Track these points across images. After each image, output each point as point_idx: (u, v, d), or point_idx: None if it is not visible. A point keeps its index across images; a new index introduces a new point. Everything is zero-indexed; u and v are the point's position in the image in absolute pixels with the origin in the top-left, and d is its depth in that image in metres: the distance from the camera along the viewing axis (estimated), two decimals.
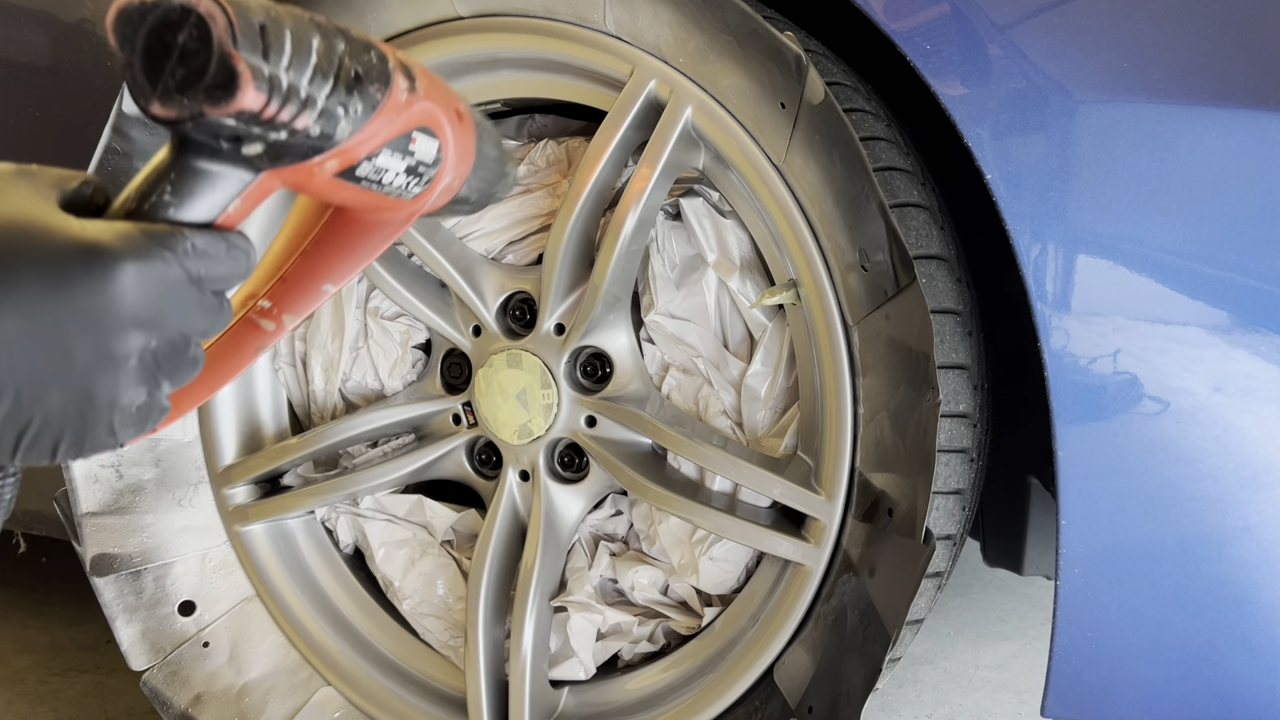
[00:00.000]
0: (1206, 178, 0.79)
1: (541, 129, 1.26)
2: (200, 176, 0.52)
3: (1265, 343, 0.79)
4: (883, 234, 0.89)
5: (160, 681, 1.25)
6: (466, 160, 0.64)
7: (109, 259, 0.47)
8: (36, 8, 1.29)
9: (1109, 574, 0.85)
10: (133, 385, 0.49)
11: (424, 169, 0.61)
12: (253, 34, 0.48)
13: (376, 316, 1.27)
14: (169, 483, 1.27)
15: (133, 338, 0.48)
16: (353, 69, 0.53)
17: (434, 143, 0.60)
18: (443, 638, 1.26)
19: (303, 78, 0.50)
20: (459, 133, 0.62)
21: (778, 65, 0.92)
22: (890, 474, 0.94)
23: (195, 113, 0.48)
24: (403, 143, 0.58)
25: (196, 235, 0.51)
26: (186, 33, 0.47)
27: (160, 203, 0.51)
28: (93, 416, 0.48)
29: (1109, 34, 0.81)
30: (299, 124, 0.51)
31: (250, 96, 0.48)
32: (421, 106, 0.58)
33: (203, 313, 0.52)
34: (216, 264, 0.52)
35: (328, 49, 0.52)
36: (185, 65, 0.47)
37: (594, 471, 1.15)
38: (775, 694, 1.03)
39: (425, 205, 0.63)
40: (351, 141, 0.54)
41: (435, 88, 0.60)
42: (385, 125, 0.56)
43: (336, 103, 0.52)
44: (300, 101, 0.50)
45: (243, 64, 0.47)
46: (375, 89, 0.54)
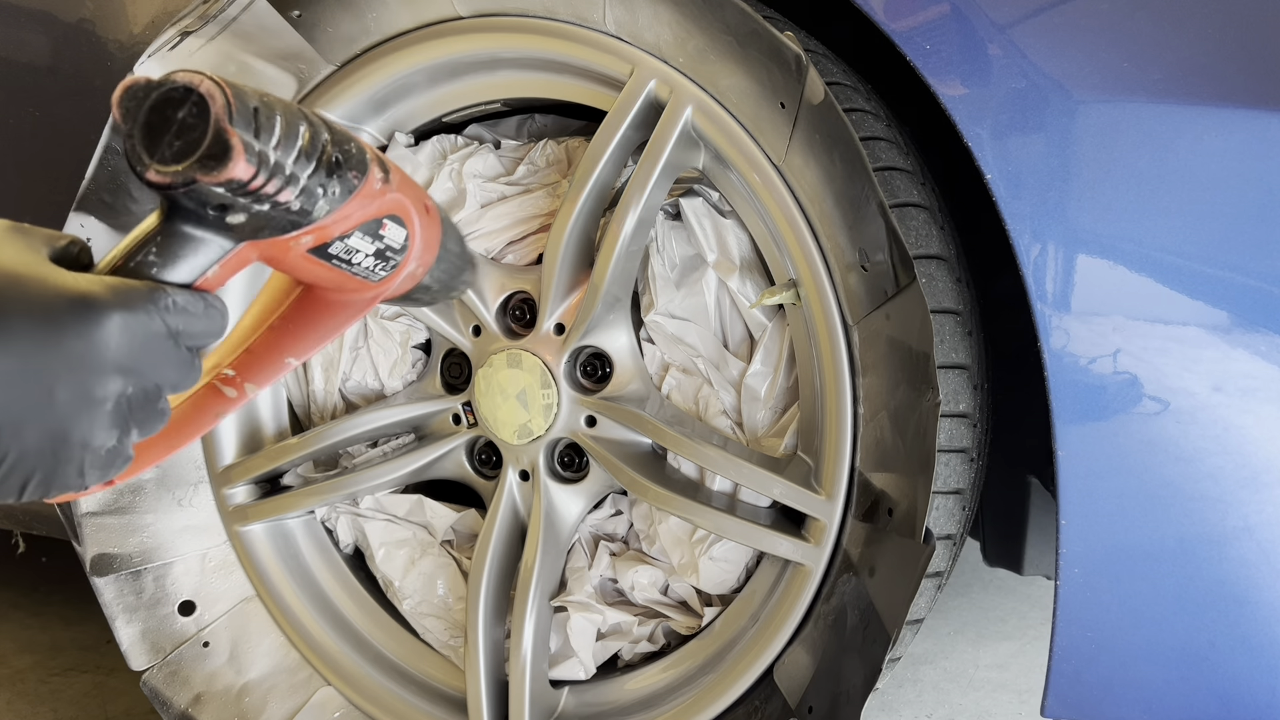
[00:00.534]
0: (1206, 178, 0.79)
1: (541, 129, 1.26)
2: (185, 241, 0.56)
3: (1265, 343, 0.79)
4: (883, 234, 0.89)
5: (160, 681, 1.25)
6: (431, 250, 0.70)
7: (98, 308, 0.51)
8: (36, 8, 1.28)
9: (1109, 574, 0.85)
10: (105, 429, 0.52)
11: (391, 254, 0.66)
12: (247, 113, 0.53)
13: (376, 316, 1.27)
14: (169, 483, 1.27)
15: (112, 383, 0.52)
16: (334, 155, 0.58)
17: (402, 231, 0.66)
18: (443, 638, 1.26)
19: (289, 157, 0.55)
20: (426, 224, 0.68)
21: (778, 65, 0.92)
22: (890, 474, 0.94)
23: (189, 180, 0.52)
24: (374, 227, 0.63)
25: (178, 293, 0.55)
26: (187, 109, 0.52)
27: (146, 262, 0.56)
28: (65, 456, 0.51)
29: (1109, 34, 0.81)
30: (282, 198, 0.56)
31: (241, 167, 0.52)
32: (393, 196, 0.64)
33: (177, 367, 0.56)
34: (194, 321, 0.56)
35: (313, 135, 0.57)
36: (183, 137, 0.52)
37: (594, 471, 1.15)
38: (775, 694, 1.03)
39: (389, 289, 0.69)
40: (327, 220, 0.60)
41: (407, 183, 0.66)
42: (359, 209, 0.61)
43: (317, 183, 0.57)
44: (285, 178, 0.55)
45: (236, 138, 0.52)
46: (353, 175, 0.60)
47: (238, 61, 1.12)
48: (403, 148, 1.20)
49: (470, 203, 1.18)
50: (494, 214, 1.17)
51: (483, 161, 1.20)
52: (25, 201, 1.33)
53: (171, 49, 1.09)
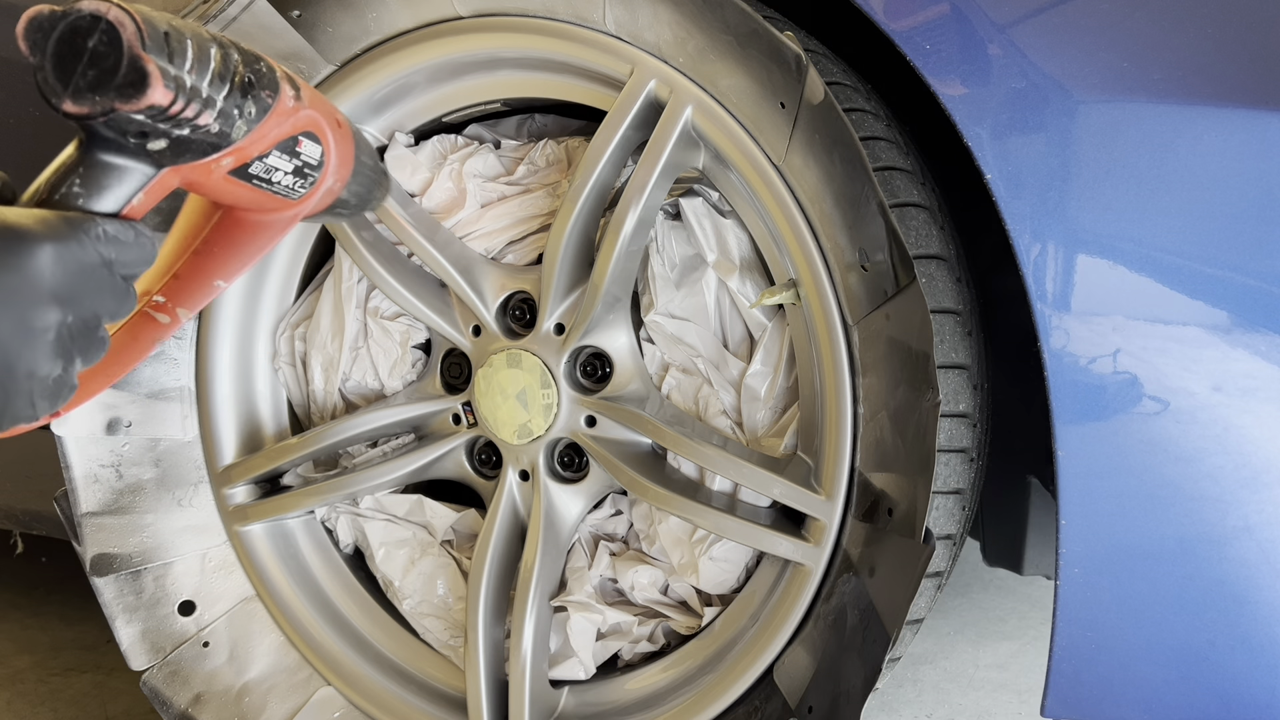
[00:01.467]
0: (1206, 178, 0.79)
1: (541, 129, 1.26)
2: (107, 170, 0.56)
3: (1265, 343, 0.79)
4: (883, 234, 0.89)
5: (160, 681, 1.25)
6: (347, 165, 0.71)
7: (29, 240, 0.51)
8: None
9: (1109, 574, 0.85)
10: (50, 358, 0.53)
11: (309, 171, 0.67)
12: (159, 39, 0.53)
13: (376, 316, 1.27)
14: (169, 482, 1.27)
15: (50, 313, 0.52)
16: (247, 75, 0.59)
17: (318, 147, 0.67)
18: (443, 638, 1.26)
19: (203, 80, 0.56)
20: (339, 139, 0.69)
21: (778, 65, 0.92)
22: (890, 474, 0.94)
23: (107, 109, 0.53)
24: (290, 144, 0.65)
25: (108, 222, 0.56)
26: (96, 38, 0.53)
27: (70, 193, 0.56)
28: (13, 388, 0.52)
29: (1109, 34, 0.81)
30: (201, 121, 0.56)
31: (159, 93, 0.53)
32: (307, 113, 0.65)
33: (113, 295, 0.56)
34: (126, 250, 0.56)
35: (224, 57, 0.58)
36: (96, 66, 0.52)
37: (594, 471, 1.15)
38: (775, 694, 1.03)
39: (309, 206, 0.70)
40: (245, 141, 0.61)
41: (318, 100, 0.67)
42: (275, 127, 0.63)
43: (233, 104, 0.58)
44: (202, 100, 0.56)
45: (152, 64, 0.52)
46: (266, 94, 0.61)
47: None
48: (403, 148, 1.20)
49: (470, 203, 1.18)
50: (494, 214, 1.17)
51: (483, 161, 1.20)
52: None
53: None
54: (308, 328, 1.29)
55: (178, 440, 1.28)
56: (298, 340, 1.30)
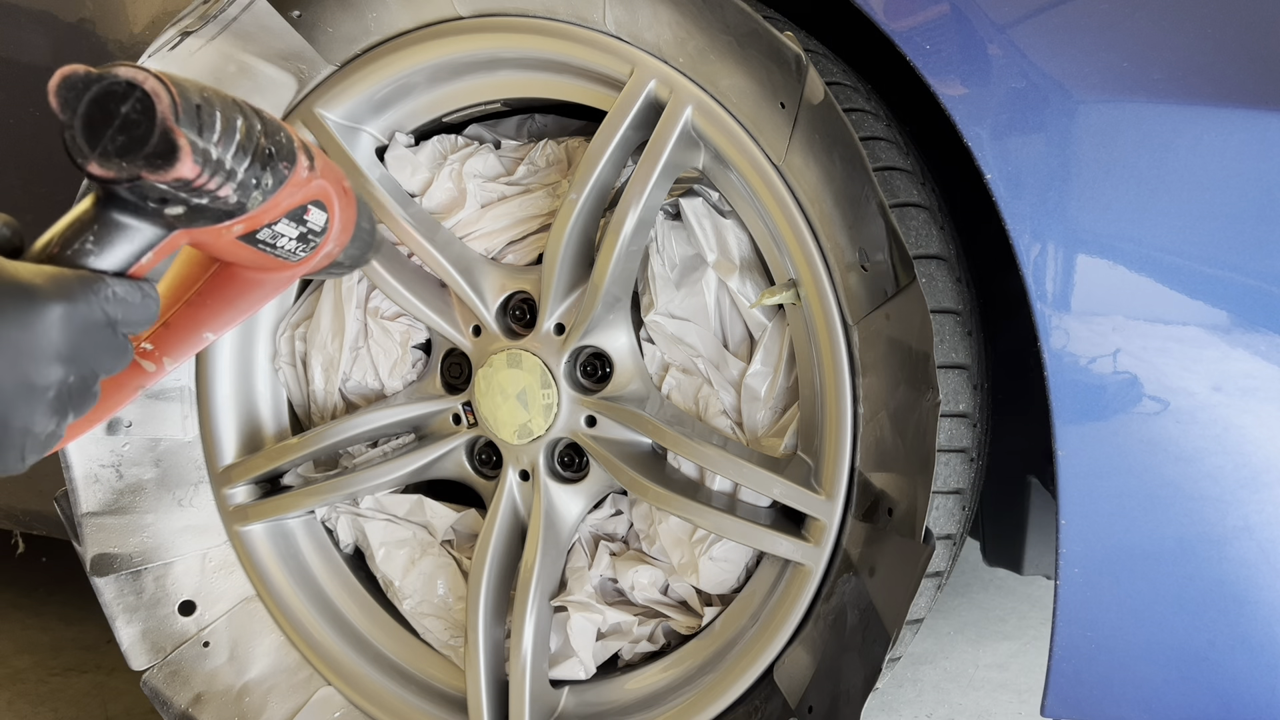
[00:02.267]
0: (1206, 178, 0.79)
1: (541, 129, 1.26)
2: (121, 230, 0.57)
3: (1265, 343, 0.79)
4: (883, 234, 0.89)
5: (160, 681, 1.25)
6: (348, 231, 0.72)
7: (39, 299, 0.51)
8: (36, 8, 1.28)
9: (1109, 574, 0.85)
10: (46, 415, 0.53)
11: (312, 237, 0.69)
12: (191, 111, 0.54)
13: (376, 316, 1.27)
14: (169, 482, 1.27)
15: (54, 372, 0.53)
16: (268, 147, 0.60)
17: (324, 215, 0.68)
18: (443, 637, 1.26)
19: (228, 152, 0.56)
20: (344, 206, 0.70)
21: (777, 65, 0.92)
22: (890, 474, 0.94)
23: (133, 176, 0.53)
24: (299, 213, 0.66)
25: (116, 283, 0.56)
26: (130, 105, 0.53)
27: (83, 250, 0.56)
28: (6, 442, 0.52)
29: (1109, 34, 0.81)
30: (221, 192, 0.57)
31: (187, 167, 0.53)
32: (318, 184, 0.66)
33: (113, 353, 0.57)
34: (132, 310, 0.57)
35: (249, 128, 0.58)
36: (126, 134, 0.53)
37: (594, 471, 1.15)
38: (775, 693, 1.03)
39: (306, 269, 0.71)
40: (259, 210, 0.61)
41: (329, 168, 0.68)
42: (288, 198, 0.64)
43: (252, 175, 0.59)
44: (225, 173, 0.56)
45: (183, 138, 0.53)
46: (284, 165, 0.61)
47: (238, 62, 1.12)
48: (403, 148, 1.20)
49: (470, 203, 1.18)
50: (494, 214, 1.17)
51: (483, 161, 1.20)
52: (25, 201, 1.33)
53: (171, 49, 1.09)
54: (308, 328, 1.29)
55: (178, 440, 1.28)
56: (298, 340, 1.30)
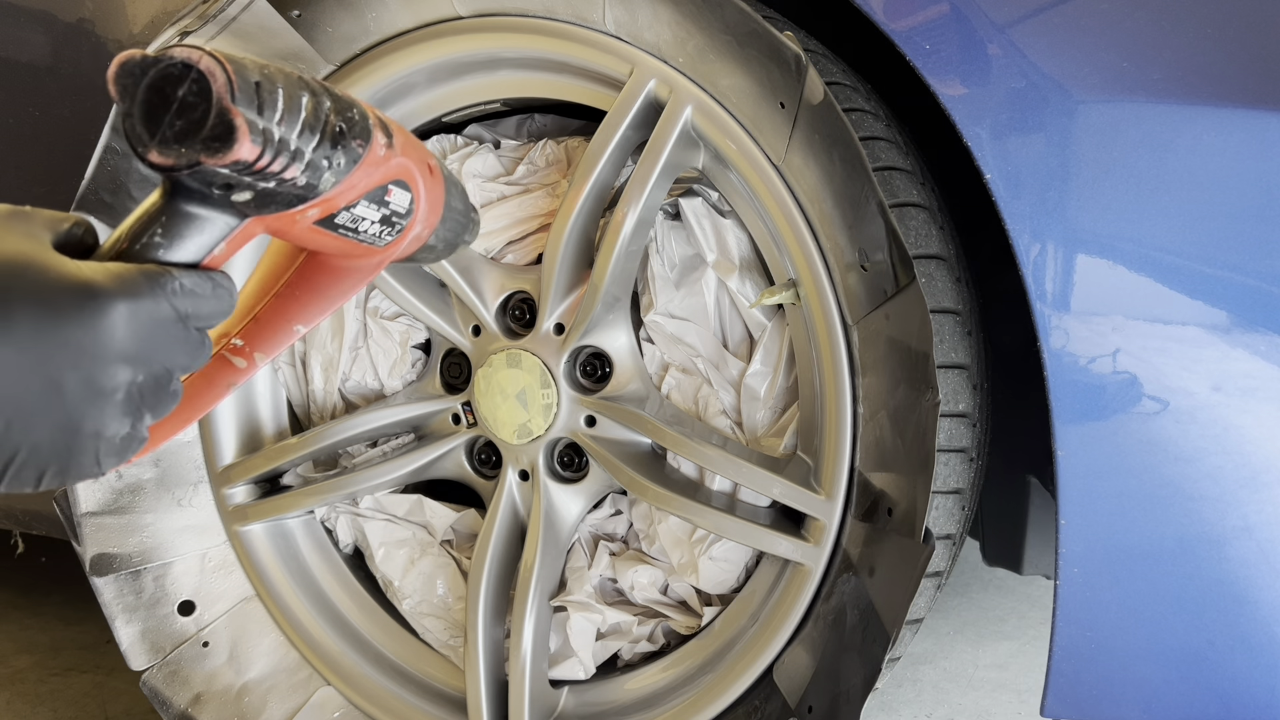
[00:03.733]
0: (1206, 178, 0.79)
1: (541, 129, 1.26)
2: (190, 220, 0.55)
3: (1265, 343, 0.79)
4: (882, 234, 0.89)
5: (160, 681, 1.25)
6: (436, 212, 0.68)
7: (102, 297, 0.50)
8: (36, 8, 1.28)
9: (1109, 574, 0.85)
10: (118, 418, 0.52)
11: (397, 219, 0.65)
12: (249, 90, 0.51)
13: (376, 316, 1.27)
14: (168, 482, 1.27)
15: (120, 372, 0.51)
16: (338, 124, 0.56)
17: (407, 195, 0.64)
18: (442, 637, 1.26)
19: (293, 132, 0.53)
20: (430, 186, 0.66)
21: (777, 65, 0.92)
22: (890, 473, 0.94)
23: (192, 161, 0.51)
24: (379, 194, 0.62)
25: (185, 275, 0.54)
26: (186, 87, 0.50)
27: (151, 244, 0.54)
28: (78, 447, 0.50)
29: (1109, 34, 0.81)
30: (288, 174, 0.54)
31: (246, 148, 0.51)
32: (398, 161, 0.62)
33: (186, 349, 0.55)
34: (203, 303, 0.55)
35: (315, 106, 0.55)
36: (184, 117, 0.50)
37: (594, 471, 1.15)
38: (775, 693, 1.03)
39: (395, 253, 0.67)
40: (333, 192, 0.58)
41: (410, 144, 0.64)
42: (365, 178, 0.60)
43: (322, 156, 0.56)
44: (290, 154, 0.53)
45: (240, 118, 0.50)
46: (357, 144, 0.58)
47: None
48: None
49: None
50: (494, 214, 1.17)
51: (482, 161, 1.20)
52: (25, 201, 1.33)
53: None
54: None
55: (177, 440, 1.27)
56: (297, 340, 1.30)
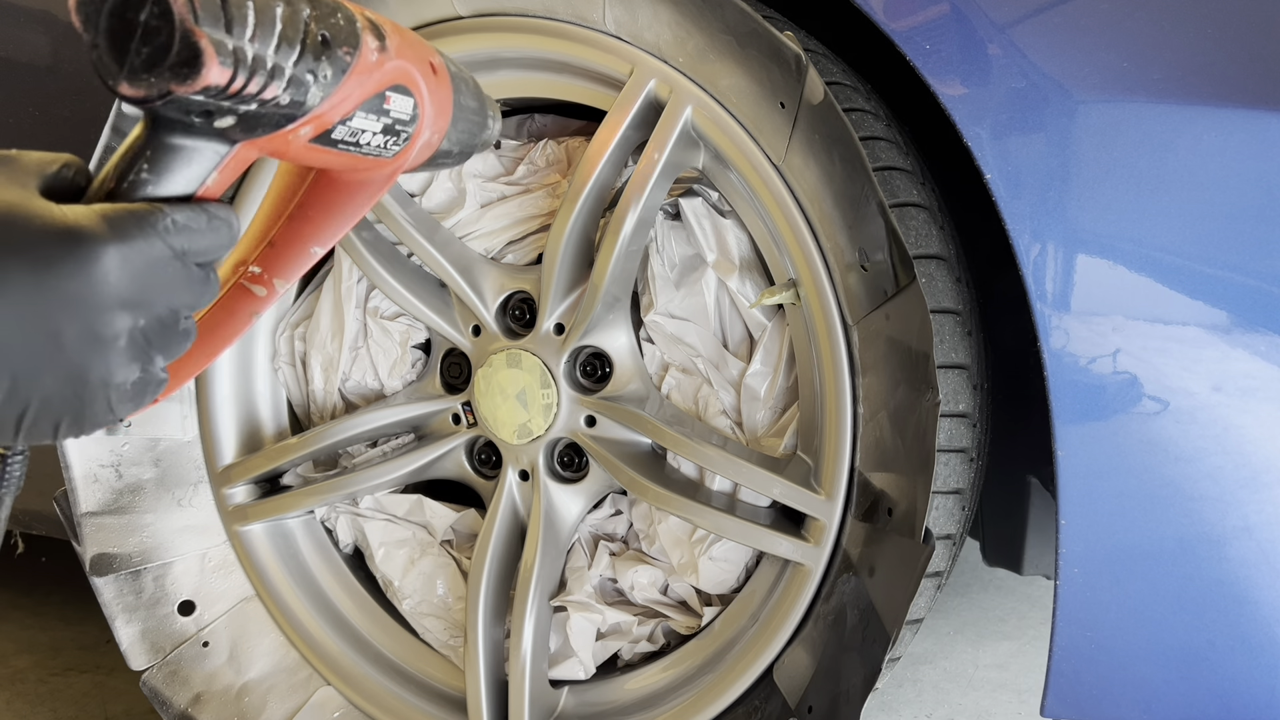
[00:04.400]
0: (1206, 178, 0.79)
1: (541, 129, 1.26)
2: (176, 152, 0.52)
3: (1265, 343, 0.79)
4: (882, 234, 0.89)
5: (160, 681, 1.25)
6: (445, 114, 0.64)
7: (91, 242, 0.48)
8: (36, 8, 1.28)
9: (1109, 574, 0.85)
10: (124, 364, 0.50)
11: (401, 127, 0.61)
12: (213, 7, 0.48)
13: (376, 316, 1.27)
14: (168, 482, 1.27)
15: (119, 318, 0.49)
16: (319, 34, 0.52)
17: (409, 100, 0.60)
18: (442, 637, 1.26)
19: (268, 48, 0.50)
20: (434, 87, 0.62)
21: (777, 65, 0.92)
22: (890, 474, 0.94)
23: (163, 91, 0.48)
24: (377, 103, 0.58)
25: (177, 210, 0.51)
26: (148, 10, 0.47)
27: (138, 180, 0.52)
28: (88, 396, 0.49)
29: (1109, 34, 0.81)
30: (268, 94, 0.51)
31: (215, 72, 0.47)
32: (394, 65, 0.58)
33: (189, 287, 0.52)
34: (199, 237, 0.52)
35: (292, 15, 0.51)
36: (149, 44, 0.47)
37: (594, 471, 1.15)
38: (775, 693, 1.03)
39: (406, 162, 0.63)
40: (324, 107, 0.54)
41: (407, 43, 0.60)
42: (357, 87, 0.56)
43: (305, 70, 0.52)
44: (267, 72, 0.50)
45: (205, 40, 0.47)
46: (344, 52, 0.54)
47: None
48: None
49: (470, 203, 1.18)
50: (494, 214, 1.17)
51: (482, 161, 1.20)
52: None
53: None
54: (307, 327, 1.29)
55: (177, 440, 1.27)
56: (297, 340, 1.30)
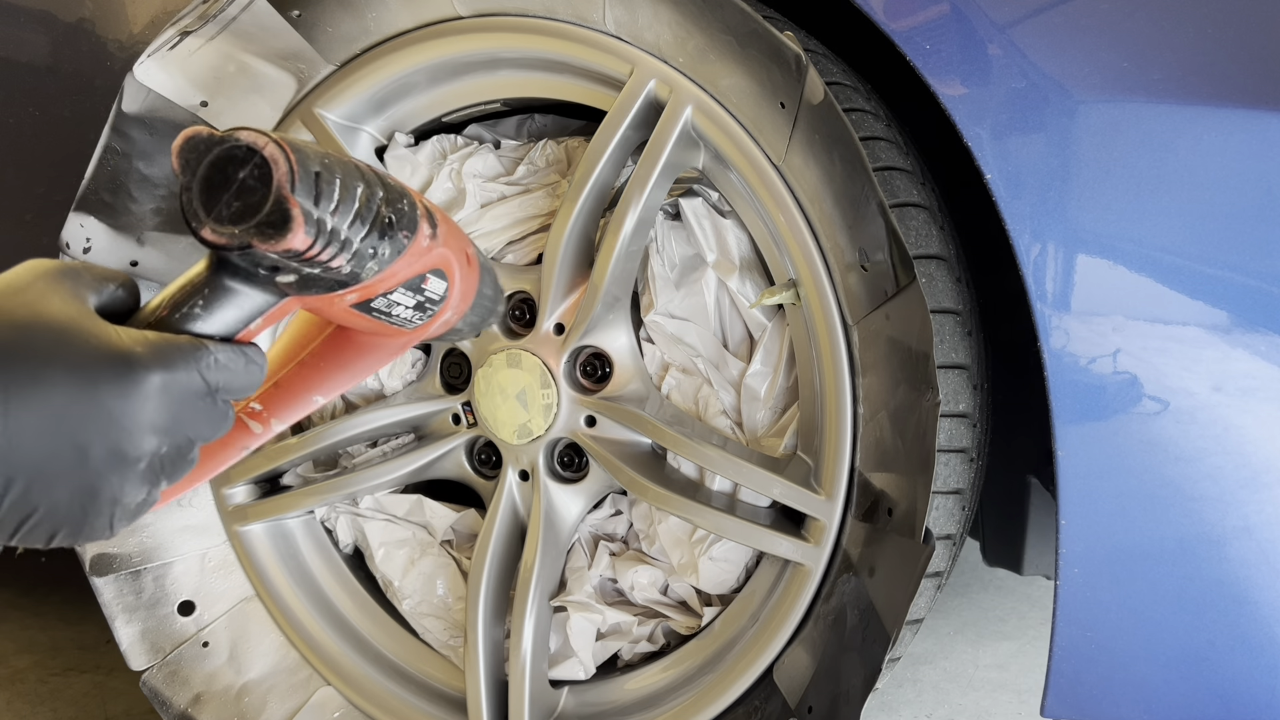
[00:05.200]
0: (1206, 178, 0.78)
1: (541, 129, 1.26)
2: (231, 295, 0.56)
3: (1265, 343, 0.79)
4: (882, 234, 0.89)
5: (160, 681, 1.25)
6: (468, 300, 0.69)
7: (138, 368, 0.50)
8: (36, 8, 1.28)
9: (1109, 574, 0.85)
10: (137, 486, 0.52)
11: (430, 305, 0.66)
12: (309, 180, 0.52)
13: None
14: None
15: (146, 442, 0.51)
16: (388, 216, 0.57)
17: (443, 284, 0.65)
18: (442, 638, 1.26)
19: (345, 222, 0.54)
20: (465, 275, 0.67)
21: (777, 65, 0.92)
22: (890, 474, 0.94)
23: (244, 244, 0.51)
24: (417, 282, 0.63)
25: (220, 349, 0.55)
26: (248, 170, 0.51)
27: (190, 314, 0.55)
28: (95, 511, 0.51)
29: (1109, 34, 0.81)
30: (334, 263, 0.55)
31: (299, 238, 0.51)
32: (439, 252, 0.63)
33: (211, 421, 0.55)
34: (234, 377, 0.55)
35: (369, 197, 0.56)
36: (242, 200, 0.51)
37: (594, 471, 1.14)
38: (775, 694, 1.03)
39: (423, 335, 0.68)
40: (374, 280, 0.59)
41: (452, 233, 0.65)
42: (406, 267, 0.61)
43: (369, 245, 0.56)
44: (339, 243, 0.54)
45: (297, 208, 0.51)
46: (404, 235, 0.59)
47: (237, 61, 1.12)
48: (402, 148, 1.20)
49: (470, 203, 1.18)
50: (494, 214, 1.17)
51: (482, 161, 1.20)
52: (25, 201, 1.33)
53: (171, 49, 1.09)
54: None
55: None
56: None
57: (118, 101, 1.10)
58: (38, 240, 1.30)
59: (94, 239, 1.15)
